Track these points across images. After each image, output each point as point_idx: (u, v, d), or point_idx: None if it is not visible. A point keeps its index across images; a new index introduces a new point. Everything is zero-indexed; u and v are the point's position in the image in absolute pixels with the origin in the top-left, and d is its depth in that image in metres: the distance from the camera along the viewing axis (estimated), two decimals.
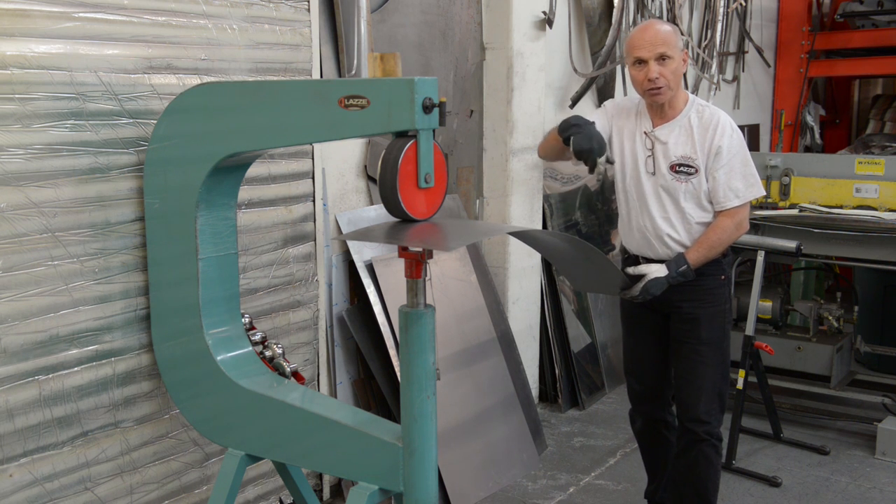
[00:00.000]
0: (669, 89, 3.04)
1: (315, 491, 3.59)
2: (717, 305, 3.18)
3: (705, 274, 3.14)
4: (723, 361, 3.23)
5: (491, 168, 4.65)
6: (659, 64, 3.00)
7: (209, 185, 2.55)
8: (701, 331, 3.18)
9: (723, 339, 3.22)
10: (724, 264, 3.20)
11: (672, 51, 3.00)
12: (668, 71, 3.01)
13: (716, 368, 3.20)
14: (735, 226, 3.07)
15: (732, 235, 3.08)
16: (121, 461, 2.82)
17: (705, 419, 3.19)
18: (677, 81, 3.05)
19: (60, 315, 2.60)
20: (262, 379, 2.68)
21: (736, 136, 3.06)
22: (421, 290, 2.30)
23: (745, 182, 3.06)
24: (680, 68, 3.05)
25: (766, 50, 7.39)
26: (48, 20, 2.51)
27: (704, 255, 3.06)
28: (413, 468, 2.33)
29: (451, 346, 3.95)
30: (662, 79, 3.01)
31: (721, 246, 3.08)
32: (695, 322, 3.18)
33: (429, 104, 2.16)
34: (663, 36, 3.00)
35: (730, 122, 3.08)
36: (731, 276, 3.27)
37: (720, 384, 3.22)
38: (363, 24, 3.61)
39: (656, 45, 3.00)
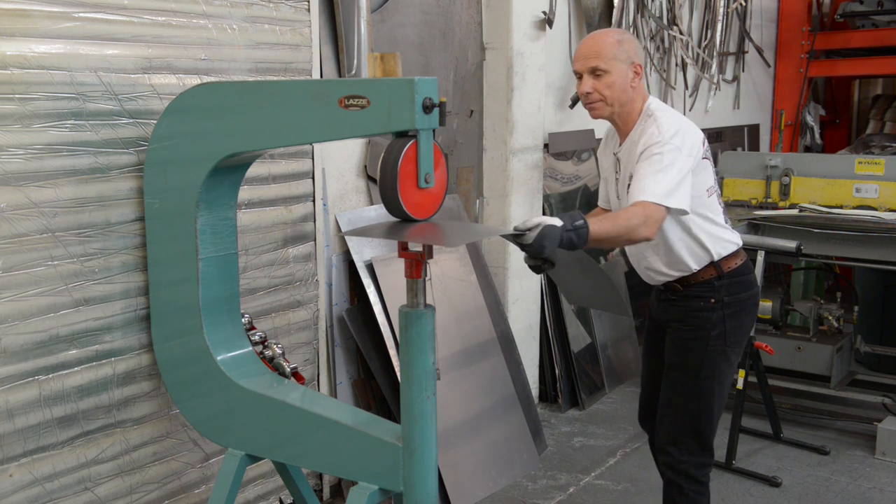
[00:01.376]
0: (607, 105, 2.81)
1: (315, 491, 3.59)
2: (701, 330, 2.89)
3: (690, 296, 2.90)
4: (700, 393, 2.91)
5: (491, 168, 4.65)
6: (593, 78, 2.80)
7: (209, 185, 2.55)
8: (678, 355, 2.94)
9: (701, 368, 2.89)
10: (718, 287, 2.88)
11: (607, 64, 2.77)
12: (603, 85, 2.78)
13: (688, 398, 2.92)
14: (644, 217, 2.61)
15: (639, 227, 2.59)
16: (121, 461, 2.82)
17: (663, 448, 2.97)
18: (618, 96, 2.80)
19: (60, 315, 2.60)
20: (262, 379, 2.68)
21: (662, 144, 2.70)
22: (421, 290, 2.30)
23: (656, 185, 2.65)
24: (620, 82, 2.79)
25: (766, 50, 7.39)
26: (48, 20, 2.51)
27: (606, 230, 2.56)
28: (413, 468, 2.33)
29: (451, 346, 3.95)
30: (596, 94, 2.80)
31: (626, 229, 2.59)
32: (676, 345, 2.95)
33: (429, 104, 2.16)
34: (597, 48, 2.79)
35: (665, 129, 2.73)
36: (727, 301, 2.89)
37: (693, 417, 2.92)
38: (363, 24, 3.61)
39: (588, 58, 2.80)
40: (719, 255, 2.89)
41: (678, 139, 2.72)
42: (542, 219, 2.41)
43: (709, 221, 2.88)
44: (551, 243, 2.38)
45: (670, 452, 2.95)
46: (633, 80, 2.82)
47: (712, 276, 2.89)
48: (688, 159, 2.72)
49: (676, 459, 2.94)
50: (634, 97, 2.84)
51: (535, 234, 2.37)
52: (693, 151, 2.75)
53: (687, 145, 2.74)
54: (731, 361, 2.94)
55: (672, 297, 2.96)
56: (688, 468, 2.93)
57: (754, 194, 5.24)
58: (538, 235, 2.37)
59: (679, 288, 2.93)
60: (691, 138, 2.77)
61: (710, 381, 2.90)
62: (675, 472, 2.95)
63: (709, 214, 2.87)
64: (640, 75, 2.84)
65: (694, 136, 2.79)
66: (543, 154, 4.86)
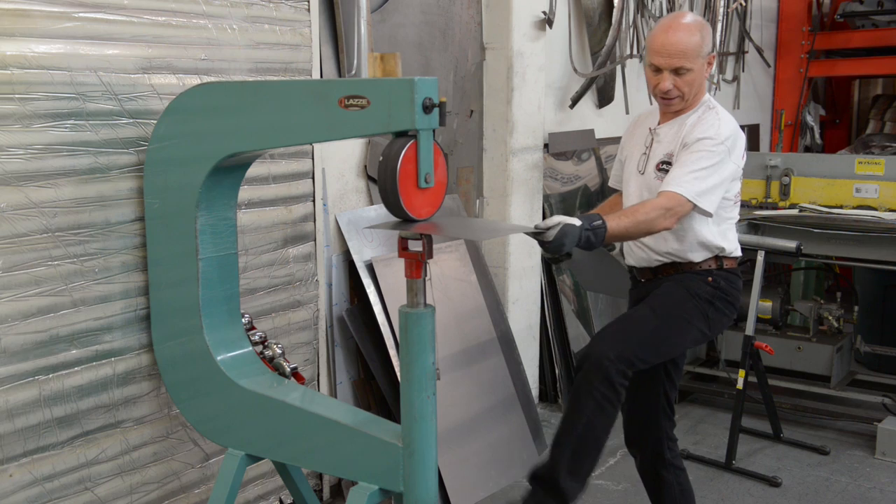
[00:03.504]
0: (683, 100, 2.86)
1: (315, 491, 3.59)
2: (692, 290, 2.86)
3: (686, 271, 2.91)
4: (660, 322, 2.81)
5: (491, 168, 4.65)
6: (675, 75, 2.80)
7: (209, 185, 2.55)
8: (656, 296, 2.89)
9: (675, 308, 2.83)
10: (716, 275, 2.91)
11: (692, 62, 2.78)
12: (684, 82, 2.81)
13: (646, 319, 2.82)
14: (665, 211, 2.65)
15: (659, 219, 2.66)
16: (121, 461, 2.82)
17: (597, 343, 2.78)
18: (695, 90, 2.85)
19: (60, 315, 2.60)
20: (262, 379, 2.68)
21: (718, 142, 2.74)
22: (421, 290, 2.30)
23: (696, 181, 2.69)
24: (699, 78, 2.83)
25: (766, 50, 7.39)
26: (48, 20, 2.51)
27: (625, 227, 2.63)
28: (413, 468, 2.33)
29: (451, 346, 3.95)
30: (675, 90, 2.83)
31: (646, 223, 2.65)
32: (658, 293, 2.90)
33: (429, 104, 2.16)
34: (684, 48, 2.77)
35: (726, 128, 2.79)
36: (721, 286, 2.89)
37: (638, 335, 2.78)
38: (363, 24, 3.61)
39: (673, 57, 2.78)
40: (726, 254, 2.94)
41: (731, 141, 2.79)
42: (562, 218, 2.53)
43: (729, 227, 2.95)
44: (570, 241, 2.50)
45: (599, 345, 2.75)
46: (707, 70, 2.87)
47: (711, 266, 2.92)
48: (733, 164, 2.80)
49: (603, 354, 2.70)
50: (704, 86, 2.89)
51: (556, 232, 2.49)
52: (739, 159, 2.85)
53: (737, 150, 2.82)
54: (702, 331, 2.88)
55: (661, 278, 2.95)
56: (609, 368, 2.68)
57: (754, 194, 5.25)
58: (558, 233, 2.49)
59: (672, 272, 2.93)
60: (741, 144, 2.85)
61: (678, 322, 2.83)
62: (595, 365, 2.70)
63: (729, 222, 2.95)
64: (712, 65, 2.88)
65: (742, 144, 2.87)
66: (543, 154, 4.86)
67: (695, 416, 4.86)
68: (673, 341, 2.88)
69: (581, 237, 2.52)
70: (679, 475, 3.11)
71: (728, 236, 2.95)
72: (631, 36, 5.50)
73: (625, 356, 2.72)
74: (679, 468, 3.11)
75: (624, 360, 2.71)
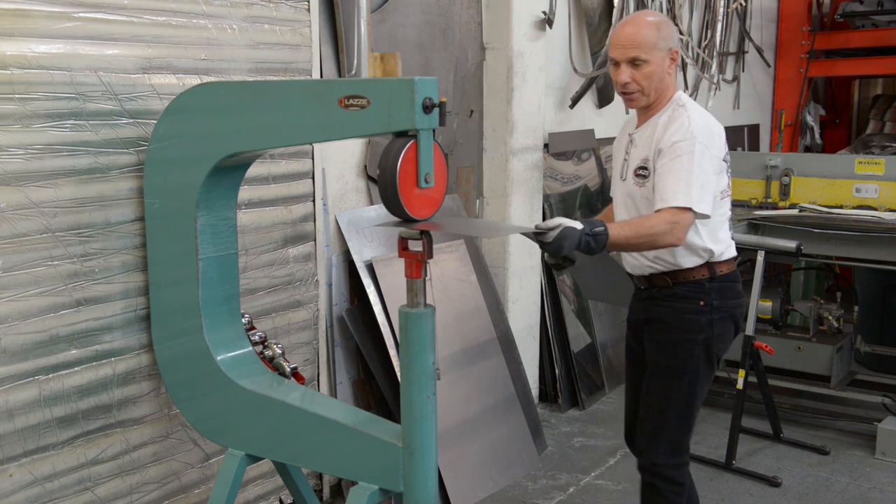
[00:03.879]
0: (644, 95, 2.77)
1: (315, 491, 3.59)
2: (687, 333, 2.81)
3: (679, 295, 2.82)
4: (681, 396, 2.85)
5: (491, 168, 4.65)
6: (632, 67, 2.74)
7: (209, 185, 2.55)
8: (663, 357, 2.86)
9: (685, 372, 2.83)
10: (708, 289, 2.81)
11: (648, 53, 2.71)
12: (642, 75, 2.73)
13: (670, 400, 2.85)
14: (670, 225, 2.59)
15: (665, 234, 2.59)
16: (121, 461, 2.82)
17: (646, 452, 2.91)
18: (655, 85, 2.76)
19: (60, 315, 2.60)
20: (262, 379, 2.68)
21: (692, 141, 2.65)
22: (421, 290, 2.30)
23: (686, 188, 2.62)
24: (658, 72, 2.74)
25: (766, 50, 7.39)
26: (48, 20, 2.51)
27: (626, 237, 2.57)
28: (413, 468, 2.33)
29: (451, 346, 3.95)
30: (634, 84, 2.75)
31: (650, 237, 2.60)
32: (662, 347, 2.87)
33: (429, 104, 2.16)
34: (638, 38, 2.71)
35: (696, 125, 2.69)
36: (716, 305, 2.82)
37: (673, 420, 2.86)
38: (363, 24, 3.61)
39: (628, 48, 2.73)
40: (717, 258, 2.83)
41: (707, 137, 2.69)
42: (563, 220, 2.48)
43: (719, 225, 2.83)
44: (570, 244, 2.45)
45: (650, 455, 2.90)
46: (670, 67, 2.79)
47: (704, 276, 2.82)
48: (713, 159, 2.70)
49: (653, 462, 2.89)
50: (669, 84, 2.80)
51: (555, 234, 2.44)
52: (720, 152, 2.74)
53: (715, 145, 2.72)
54: (713, 367, 2.90)
55: (658, 295, 2.87)
56: (663, 470, 2.88)
57: (754, 194, 5.25)
58: (558, 235, 2.44)
59: (668, 283, 2.84)
60: (718, 138, 2.75)
61: (693, 385, 2.85)
62: (652, 474, 2.90)
63: (721, 218, 2.84)
64: (676, 62, 2.80)
65: (720, 136, 2.77)
66: (543, 154, 4.86)
67: None
68: (697, 397, 2.89)
69: (581, 241, 2.47)
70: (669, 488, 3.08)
71: (718, 236, 2.84)
72: None
73: (670, 451, 2.88)
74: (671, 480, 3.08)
75: (671, 454, 2.89)
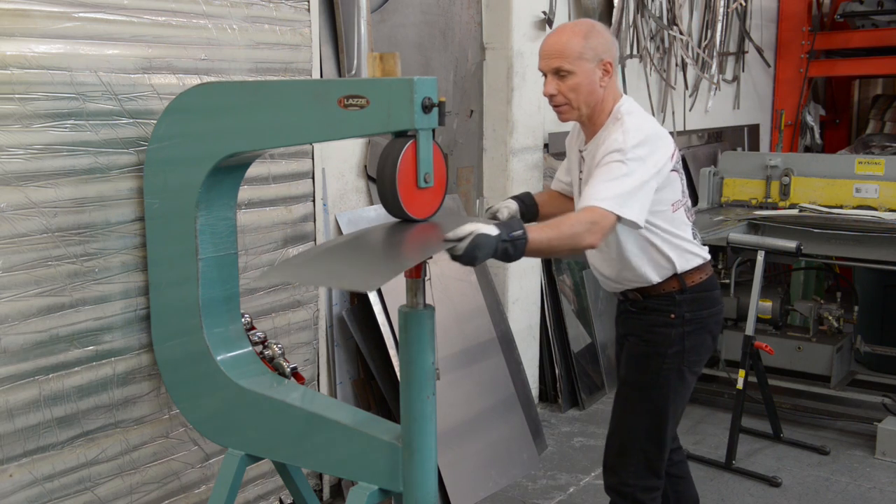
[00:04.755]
0: (573, 108, 2.61)
1: (315, 491, 3.59)
2: (658, 346, 2.72)
3: (650, 308, 2.74)
4: (650, 411, 2.75)
5: (491, 168, 4.65)
6: (557, 79, 2.58)
7: (209, 185, 2.55)
8: (631, 370, 2.78)
9: (654, 386, 2.73)
10: (679, 301, 2.71)
11: (572, 64, 2.54)
12: (567, 87, 2.57)
13: (637, 417, 2.77)
14: (590, 224, 2.41)
15: (584, 234, 2.41)
16: (121, 461, 2.82)
17: (612, 468, 2.82)
18: (585, 98, 2.59)
19: (60, 315, 2.60)
20: (262, 379, 2.68)
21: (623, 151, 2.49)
22: (421, 290, 2.30)
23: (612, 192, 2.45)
24: (585, 83, 2.57)
25: (766, 50, 7.39)
26: (48, 20, 2.51)
27: (548, 238, 2.36)
28: (413, 468, 2.33)
29: (451, 346, 3.95)
30: (560, 96, 2.59)
31: (570, 237, 2.40)
32: (630, 360, 2.79)
33: (428, 104, 2.16)
34: (560, 46, 2.56)
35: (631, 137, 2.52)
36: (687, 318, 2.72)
37: (641, 437, 2.76)
38: (363, 24, 3.61)
39: (551, 57, 2.58)
40: (683, 269, 2.72)
41: (643, 149, 2.51)
42: (475, 226, 2.19)
43: (673, 236, 2.70)
44: (484, 254, 2.19)
45: (618, 473, 2.80)
46: (602, 79, 2.60)
47: (674, 288, 2.72)
48: (650, 171, 2.51)
49: (622, 482, 2.79)
50: (605, 97, 2.62)
51: (466, 245, 2.17)
52: (659, 164, 2.55)
53: (654, 157, 2.54)
54: (686, 382, 2.78)
55: (631, 308, 2.80)
56: (634, 492, 2.77)
57: (754, 194, 5.25)
58: (470, 245, 2.17)
59: (639, 297, 2.76)
60: (660, 150, 2.57)
61: (663, 400, 2.74)
62: (621, 495, 2.79)
63: (673, 229, 2.69)
64: (610, 73, 2.60)
65: (663, 147, 2.59)
66: (543, 154, 4.86)
67: (695, 416, 4.86)
68: (668, 414, 2.77)
69: (497, 248, 2.22)
70: (677, 483, 3.05)
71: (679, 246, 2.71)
72: (631, 36, 5.50)
73: (641, 472, 2.78)
74: (677, 476, 3.05)
75: (643, 475, 2.79)
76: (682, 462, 3.14)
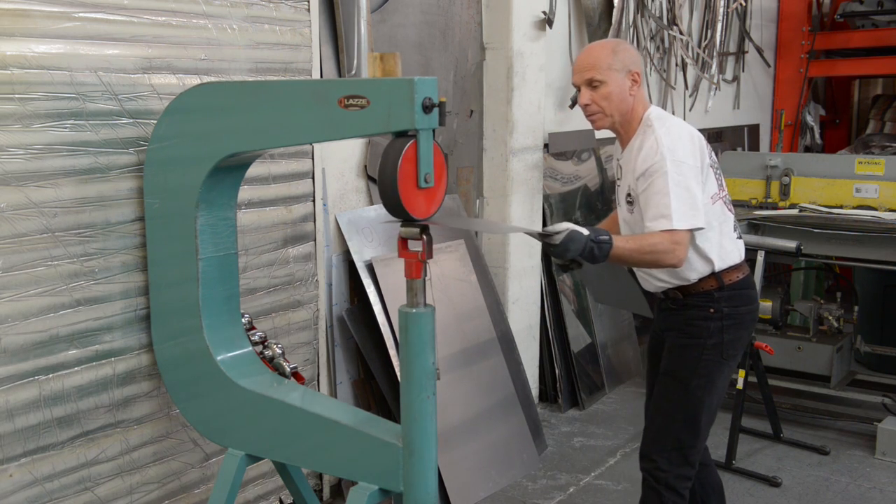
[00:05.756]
0: (606, 116, 2.81)
1: (315, 491, 3.59)
2: (696, 338, 2.84)
3: (690, 305, 2.85)
4: (689, 402, 2.85)
5: (491, 168, 4.65)
6: (590, 90, 2.80)
7: (209, 185, 2.55)
8: (671, 361, 2.89)
9: (693, 377, 2.83)
10: (718, 298, 2.83)
11: (603, 74, 2.76)
12: (600, 96, 2.78)
13: (676, 406, 2.87)
14: (672, 245, 2.62)
15: (667, 253, 2.62)
16: (121, 461, 2.82)
17: (648, 455, 2.91)
18: (617, 106, 2.79)
19: (60, 315, 2.60)
20: (262, 379, 2.68)
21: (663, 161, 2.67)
22: (421, 290, 2.30)
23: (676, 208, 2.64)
24: (617, 92, 2.78)
25: (766, 50, 7.39)
26: (48, 20, 2.51)
27: (629, 250, 2.62)
28: (413, 468, 2.33)
29: (451, 346, 3.95)
30: (594, 105, 2.80)
31: (652, 253, 2.63)
32: (670, 352, 2.91)
33: (428, 104, 2.16)
34: (591, 60, 2.79)
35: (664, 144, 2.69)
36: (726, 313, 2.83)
37: (677, 425, 2.86)
38: (363, 24, 3.61)
39: (584, 70, 2.80)
40: (720, 267, 2.83)
41: (680, 152, 2.70)
42: (570, 225, 2.55)
43: (714, 231, 2.82)
44: (575, 248, 2.53)
45: (654, 459, 2.89)
46: (632, 88, 2.81)
47: (712, 287, 2.84)
48: (694, 170, 2.70)
49: (658, 467, 2.88)
50: (635, 105, 2.83)
51: (562, 237, 2.52)
52: (697, 162, 2.73)
53: (690, 157, 2.72)
54: (724, 374, 2.89)
55: (672, 306, 2.91)
56: (668, 478, 2.86)
57: (754, 194, 5.25)
58: (564, 239, 2.52)
59: (679, 296, 2.88)
60: (693, 148, 2.75)
61: (700, 391, 2.84)
62: (656, 480, 2.88)
63: (714, 222, 2.82)
64: (638, 83, 2.82)
65: (695, 144, 2.77)
66: (543, 154, 4.86)
67: None
68: (704, 405, 2.87)
69: (586, 247, 2.53)
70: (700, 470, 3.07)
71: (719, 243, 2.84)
72: (631, 36, 5.50)
73: (676, 459, 2.86)
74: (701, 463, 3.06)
75: (677, 462, 2.87)
76: (705, 450, 3.16)
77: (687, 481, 2.91)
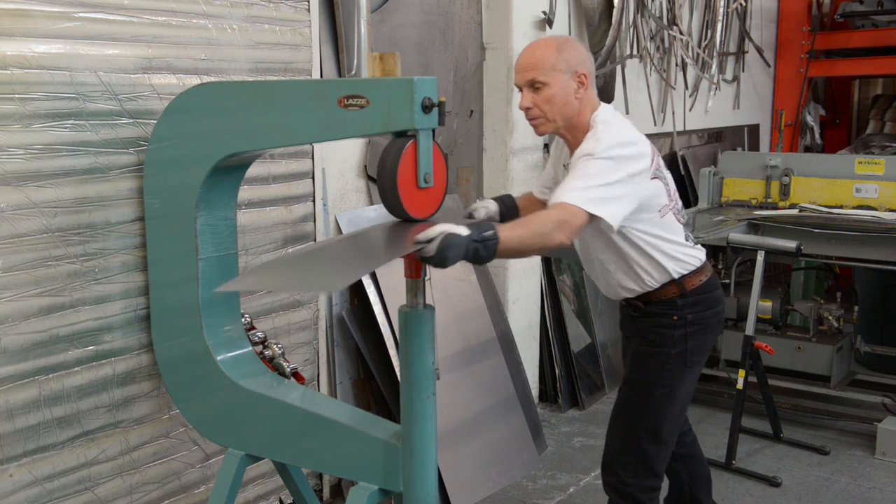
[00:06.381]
0: (548, 121, 2.61)
1: (315, 491, 3.59)
2: (659, 347, 2.73)
3: (652, 313, 2.75)
4: (651, 411, 2.75)
5: (491, 168, 4.65)
6: (532, 91, 2.58)
7: (209, 185, 2.55)
8: (633, 370, 2.80)
9: (656, 386, 2.73)
10: (681, 306, 2.71)
11: (546, 75, 2.55)
12: (542, 99, 2.57)
13: (637, 416, 2.77)
14: (559, 221, 2.36)
15: (552, 232, 2.35)
16: (121, 461, 2.82)
17: (610, 466, 2.82)
18: (560, 110, 2.59)
19: (60, 315, 2.60)
20: (262, 379, 2.68)
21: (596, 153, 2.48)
22: (421, 290, 2.30)
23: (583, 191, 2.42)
24: (560, 95, 2.57)
25: (766, 50, 7.39)
26: (48, 20, 2.51)
27: (518, 237, 2.30)
28: (413, 468, 2.33)
29: (451, 346, 3.95)
30: (535, 109, 2.59)
31: (538, 234, 2.34)
32: (634, 360, 2.81)
33: (428, 104, 2.16)
34: (534, 59, 2.56)
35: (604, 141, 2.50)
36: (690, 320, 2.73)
37: (641, 436, 2.75)
38: (363, 24, 3.61)
39: (525, 70, 2.58)
40: (679, 274, 2.72)
41: (614, 152, 2.49)
42: (445, 227, 2.15)
43: (664, 241, 2.69)
44: (455, 254, 2.14)
45: (617, 473, 2.79)
46: (578, 90, 2.59)
47: (674, 294, 2.72)
48: (621, 173, 2.48)
49: (621, 481, 2.78)
50: (581, 109, 2.62)
51: (436, 245, 2.12)
52: (632, 169, 2.51)
53: (627, 162, 2.50)
54: (687, 381, 2.79)
55: (634, 313, 2.81)
56: (633, 491, 2.76)
57: (754, 194, 5.25)
58: (440, 246, 2.12)
59: (641, 305, 2.77)
60: (634, 156, 2.54)
61: (664, 400, 2.75)
62: (620, 494, 2.78)
63: (663, 233, 2.68)
64: (585, 85, 2.60)
65: (638, 153, 2.56)
66: (543, 154, 4.86)
67: (695, 416, 4.86)
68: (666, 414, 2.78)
69: (468, 249, 2.16)
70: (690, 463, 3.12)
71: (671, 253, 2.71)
72: (631, 36, 5.50)
73: (640, 471, 2.77)
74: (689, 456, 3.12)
75: (642, 474, 2.77)
76: (693, 442, 3.17)
77: (654, 492, 2.81)
